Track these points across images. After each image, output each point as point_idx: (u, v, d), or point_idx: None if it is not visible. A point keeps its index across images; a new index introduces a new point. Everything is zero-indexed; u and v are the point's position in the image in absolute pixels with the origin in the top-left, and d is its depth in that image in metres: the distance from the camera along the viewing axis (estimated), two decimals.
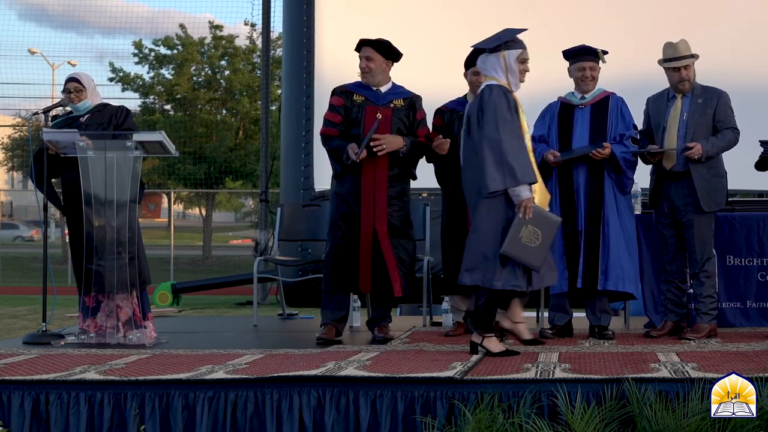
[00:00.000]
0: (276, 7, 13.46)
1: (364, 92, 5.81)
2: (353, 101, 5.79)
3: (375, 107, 5.75)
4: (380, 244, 5.68)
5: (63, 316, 9.70)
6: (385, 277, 5.68)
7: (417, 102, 5.87)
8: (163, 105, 25.46)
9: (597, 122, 5.79)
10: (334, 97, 5.88)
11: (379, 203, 5.70)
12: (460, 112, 5.99)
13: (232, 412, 4.17)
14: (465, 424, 3.92)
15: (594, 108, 5.83)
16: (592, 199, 5.73)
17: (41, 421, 4.24)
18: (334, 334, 5.73)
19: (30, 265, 22.64)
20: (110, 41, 53.85)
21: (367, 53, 5.78)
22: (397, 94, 5.84)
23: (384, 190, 5.71)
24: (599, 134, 5.76)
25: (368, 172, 5.70)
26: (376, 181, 5.71)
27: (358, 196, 5.70)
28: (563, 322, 5.89)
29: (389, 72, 5.86)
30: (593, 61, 5.82)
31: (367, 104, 5.77)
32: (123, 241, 5.65)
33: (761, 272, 6.30)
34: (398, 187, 5.77)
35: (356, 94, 5.82)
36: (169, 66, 24.74)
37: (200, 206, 27.21)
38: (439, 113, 6.09)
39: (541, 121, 5.93)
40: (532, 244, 4.80)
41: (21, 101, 46.94)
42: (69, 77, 6.03)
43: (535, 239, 4.80)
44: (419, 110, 5.87)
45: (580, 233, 5.72)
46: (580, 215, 5.74)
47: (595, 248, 5.70)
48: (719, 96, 5.77)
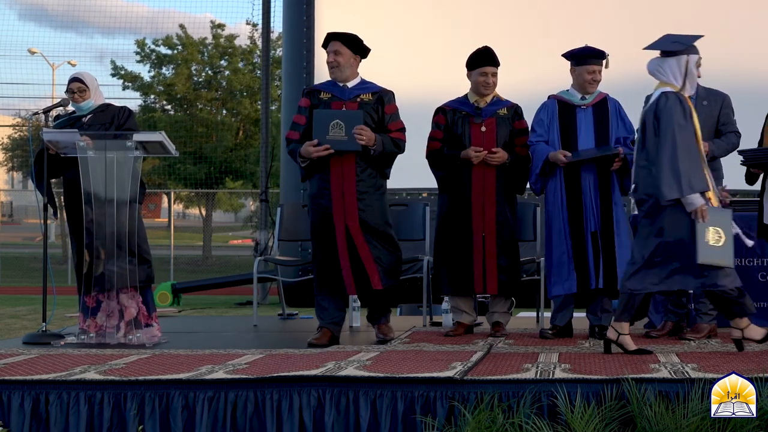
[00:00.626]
0: (276, 7, 13.49)
1: (330, 89, 5.74)
2: (320, 99, 5.72)
3: (341, 102, 5.68)
4: (354, 240, 5.61)
5: (63, 316, 9.71)
6: (364, 273, 5.63)
7: (386, 96, 5.76)
8: (164, 105, 25.47)
9: (600, 124, 5.79)
10: (302, 98, 5.84)
11: (348, 199, 5.61)
12: (463, 111, 5.99)
13: (232, 412, 4.17)
14: (465, 425, 3.92)
15: (595, 109, 5.83)
16: (603, 199, 5.73)
17: (41, 421, 4.23)
18: (328, 338, 5.64)
19: (30, 265, 22.64)
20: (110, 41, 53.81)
21: (335, 47, 5.69)
22: (364, 89, 5.74)
23: (352, 185, 5.62)
24: (603, 136, 5.76)
25: (335, 168, 5.62)
26: (344, 176, 5.62)
27: (329, 193, 5.64)
28: (564, 322, 5.89)
29: (357, 67, 5.78)
30: (600, 65, 5.81)
31: (333, 101, 5.68)
32: (124, 240, 5.65)
33: (761, 272, 6.30)
34: (369, 181, 5.68)
35: (323, 92, 5.76)
36: (170, 66, 24.76)
37: (200, 206, 27.22)
38: (442, 112, 6.06)
39: (539, 121, 5.91)
40: (719, 243, 4.86)
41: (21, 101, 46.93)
42: (72, 77, 6.03)
43: (719, 237, 4.87)
44: (388, 104, 5.75)
45: (594, 234, 5.73)
46: (590, 216, 5.74)
47: (612, 248, 5.71)
48: (723, 99, 5.79)
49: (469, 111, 5.97)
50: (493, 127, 5.92)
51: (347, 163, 5.63)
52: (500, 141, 5.91)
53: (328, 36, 5.75)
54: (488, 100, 5.99)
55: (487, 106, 5.97)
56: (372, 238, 5.65)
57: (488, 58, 5.94)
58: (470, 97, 6.02)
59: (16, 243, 28.42)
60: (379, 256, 5.66)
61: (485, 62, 5.93)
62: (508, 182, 5.95)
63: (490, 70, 5.94)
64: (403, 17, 10.06)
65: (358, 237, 5.62)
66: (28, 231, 32.11)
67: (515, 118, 6.00)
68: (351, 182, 5.63)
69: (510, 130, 5.95)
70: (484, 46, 5.99)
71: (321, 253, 5.73)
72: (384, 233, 5.71)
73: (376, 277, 5.64)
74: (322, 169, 5.65)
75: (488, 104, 5.98)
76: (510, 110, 6.00)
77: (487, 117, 5.94)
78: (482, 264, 5.89)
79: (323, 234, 5.69)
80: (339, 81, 5.73)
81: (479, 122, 5.92)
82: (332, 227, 5.65)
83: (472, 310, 6.12)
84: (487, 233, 5.89)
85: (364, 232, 5.63)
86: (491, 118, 5.94)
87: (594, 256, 5.72)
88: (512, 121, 5.98)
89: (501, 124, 5.94)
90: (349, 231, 5.62)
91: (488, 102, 5.98)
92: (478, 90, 5.98)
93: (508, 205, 5.96)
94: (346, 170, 5.63)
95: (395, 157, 5.81)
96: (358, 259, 5.63)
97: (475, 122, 5.93)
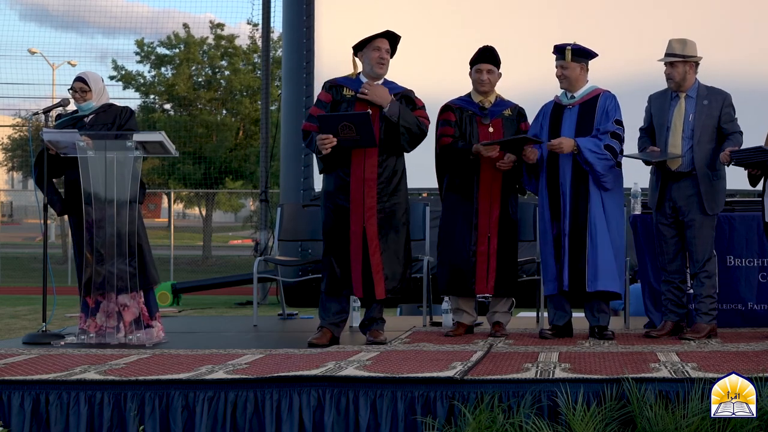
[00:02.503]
0: (276, 7, 13.49)
1: (354, 87, 5.69)
2: (343, 95, 5.67)
3: (365, 102, 5.61)
4: (368, 244, 5.57)
5: (63, 316, 9.71)
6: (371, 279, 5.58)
7: (410, 95, 5.76)
8: (163, 105, 25.48)
9: (583, 122, 5.75)
10: (322, 92, 5.76)
11: (368, 202, 5.58)
12: (469, 111, 5.99)
13: (232, 412, 4.17)
14: (465, 425, 3.92)
15: (582, 107, 5.81)
16: (576, 199, 5.71)
17: (41, 421, 4.23)
18: (328, 339, 5.61)
19: (30, 265, 22.64)
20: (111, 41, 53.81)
21: (386, 45, 5.65)
22: (390, 89, 5.70)
23: (373, 188, 5.58)
24: (586, 133, 5.73)
25: (357, 169, 5.58)
26: (366, 179, 5.58)
27: (347, 193, 5.60)
28: (563, 322, 5.89)
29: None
30: (563, 59, 5.80)
31: (358, 99, 5.64)
32: (124, 240, 5.65)
33: (762, 273, 6.30)
34: (391, 184, 5.64)
35: (346, 88, 5.69)
36: (170, 66, 24.76)
37: (200, 206, 27.22)
38: (450, 109, 6.03)
39: (535, 121, 5.94)
40: None
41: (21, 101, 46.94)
42: (77, 77, 6.02)
43: None
44: (416, 98, 5.76)
45: (566, 235, 5.72)
46: (564, 216, 5.74)
47: (581, 250, 5.69)
48: (724, 98, 5.77)
49: (476, 111, 5.97)
50: (500, 128, 5.93)
51: (369, 162, 5.57)
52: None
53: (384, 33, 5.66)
54: (492, 100, 5.99)
55: (492, 106, 5.97)
56: (386, 245, 5.61)
57: (484, 55, 5.95)
58: (474, 97, 6.02)
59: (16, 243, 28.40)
60: (389, 265, 5.60)
61: (481, 59, 5.94)
62: (510, 183, 5.95)
63: (485, 67, 5.93)
64: (403, 17, 10.05)
65: (372, 241, 5.57)
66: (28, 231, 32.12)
67: (520, 119, 6.01)
68: (372, 185, 5.57)
69: (515, 131, 5.95)
70: (485, 45, 6.00)
71: (333, 253, 5.66)
72: (398, 241, 5.65)
73: (381, 286, 5.60)
74: (343, 165, 5.59)
75: (493, 104, 5.98)
76: (514, 111, 6.00)
77: (493, 117, 5.95)
78: (486, 264, 5.89)
79: (337, 233, 5.63)
80: (377, 78, 5.66)
81: (487, 123, 5.93)
82: (347, 227, 5.60)
83: (472, 310, 6.12)
84: (492, 234, 5.89)
85: (380, 237, 5.59)
86: (497, 118, 5.95)
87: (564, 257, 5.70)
88: (517, 122, 5.99)
89: (507, 126, 5.95)
90: (366, 233, 5.58)
91: (492, 102, 5.98)
92: (476, 87, 5.99)
93: (510, 206, 5.97)
94: (368, 174, 5.57)
95: (418, 137, 5.70)
96: (369, 264, 5.59)
97: (483, 123, 5.94)
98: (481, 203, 5.90)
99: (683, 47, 5.73)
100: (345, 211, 5.60)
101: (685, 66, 5.73)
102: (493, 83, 5.97)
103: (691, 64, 5.74)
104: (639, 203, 6.38)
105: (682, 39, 5.77)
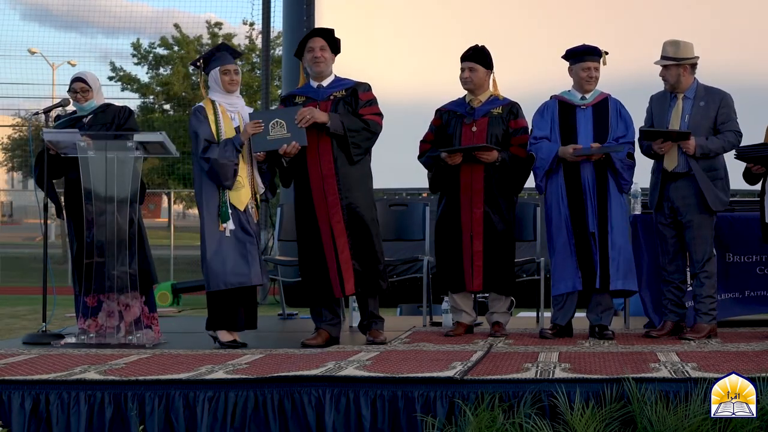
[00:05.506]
0: (276, 7, 13.49)
1: (305, 92, 5.74)
2: (295, 103, 5.70)
3: (315, 103, 5.63)
4: (336, 241, 5.57)
5: (63, 316, 9.69)
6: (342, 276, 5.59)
7: (360, 87, 5.71)
8: (162, 105, 25.47)
9: (600, 123, 5.79)
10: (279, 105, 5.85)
11: (330, 198, 5.58)
12: (457, 113, 5.99)
13: (233, 412, 4.17)
14: (466, 424, 3.92)
15: (595, 109, 5.83)
16: (600, 199, 5.74)
17: (41, 421, 4.23)
18: (324, 339, 5.61)
19: (30, 265, 22.61)
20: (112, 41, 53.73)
21: (320, 43, 5.66)
22: (339, 86, 5.71)
23: (333, 183, 5.58)
24: (602, 135, 5.76)
25: (314, 167, 5.61)
26: (324, 175, 5.59)
27: (311, 197, 5.61)
28: (565, 321, 5.88)
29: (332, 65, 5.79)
30: (597, 61, 5.82)
31: (309, 102, 5.64)
32: (124, 240, 5.65)
33: (759, 266, 6.31)
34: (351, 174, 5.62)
35: (298, 96, 5.75)
36: (167, 66, 24.76)
37: None
38: (438, 113, 6.07)
39: (541, 120, 5.89)
40: None
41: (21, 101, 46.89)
42: (75, 77, 6.02)
43: None
44: (363, 92, 5.70)
45: (592, 234, 5.73)
46: (590, 216, 5.74)
47: (606, 248, 5.72)
48: (722, 98, 5.76)
49: (463, 111, 5.97)
50: (485, 127, 5.89)
51: (325, 162, 5.57)
52: (491, 140, 5.87)
53: (313, 32, 5.75)
54: (483, 99, 5.97)
55: (482, 105, 5.96)
56: (355, 239, 5.60)
57: (466, 53, 5.94)
58: (467, 97, 6.02)
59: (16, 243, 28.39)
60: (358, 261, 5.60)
61: (462, 58, 5.95)
62: (502, 182, 5.93)
63: (466, 65, 5.91)
64: (403, 17, 10.07)
65: (340, 238, 5.58)
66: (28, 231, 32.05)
67: (510, 117, 5.95)
68: (331, 181, 5.57)
69: (504, 129, 5.93)
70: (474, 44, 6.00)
71: (307, 259, 5.70)
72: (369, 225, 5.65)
73: (351, 282, 5.60)
74: (300, 169, 5.62)
75: (483, 103, 5.96)
76: (505, 109, 5.95)
77: (479, 117, 5.92)
78: (470, 263, 5.89)
79: (308, 240, 5.66)
80: (320, 77, 5.69)
81: (470, 122, 5.92)
82: (317, 231, 5.61)
83: (471, 310, 6.11)
84: (474, 233, 5.88)
85: (348, 229, 5.58)
86: (484, 117, 5.92)
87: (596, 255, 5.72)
88: (507, 120, 5.94)
89: (494, 124, 5.91)
90: (333, 231, 5.58)
91: (483, 101, 5.97)
92: (462, 86, 5.99)
93: (500, 206, 5.91)
94: (325, 170, 5.58)
95: (370, 139, 5.68)
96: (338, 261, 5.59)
97: (466, 122, 5.93)
98: (463, 202, 5.89)
99: (676, 50, 5.72)
100: (312, 215, 5.61)
101: (679, 68, 5.72)
102: (476, 82, 5.93)
103: (685, 66, 5.73)
104: (639, 203, 6.39)
105: (675, 41, 5.76)
